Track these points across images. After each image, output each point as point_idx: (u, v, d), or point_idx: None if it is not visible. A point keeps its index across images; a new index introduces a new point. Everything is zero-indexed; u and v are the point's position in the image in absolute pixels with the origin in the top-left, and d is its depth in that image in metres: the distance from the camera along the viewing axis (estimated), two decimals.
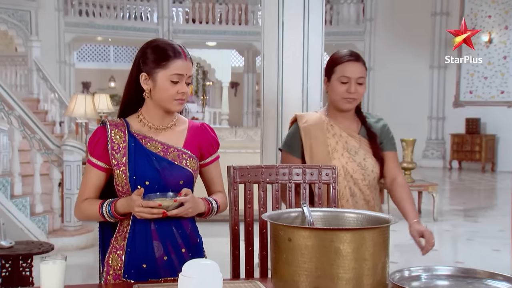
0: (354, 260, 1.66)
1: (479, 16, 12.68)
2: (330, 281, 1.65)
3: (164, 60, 1.91)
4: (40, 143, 5.90)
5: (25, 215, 5.66)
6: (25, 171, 6.05)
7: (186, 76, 1.92)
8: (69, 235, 5.84)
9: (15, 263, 4.07)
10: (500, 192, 10.39)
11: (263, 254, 2.21)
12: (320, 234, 1.69)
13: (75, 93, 8.50)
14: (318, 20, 3.97)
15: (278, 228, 1.75)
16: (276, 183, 2.27)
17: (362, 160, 2.41)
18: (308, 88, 3.97)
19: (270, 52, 4.00)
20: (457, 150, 12.95)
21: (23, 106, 5.95)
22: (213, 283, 1.44)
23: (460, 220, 7.89)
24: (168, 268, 1.92)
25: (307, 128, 2.45)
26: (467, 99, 13.16)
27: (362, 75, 2.39)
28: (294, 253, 1.67)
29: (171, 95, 1.92)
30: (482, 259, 5.79)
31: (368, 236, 1.69)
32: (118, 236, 1.98)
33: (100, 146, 1.95)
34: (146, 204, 1.82)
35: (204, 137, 2.05)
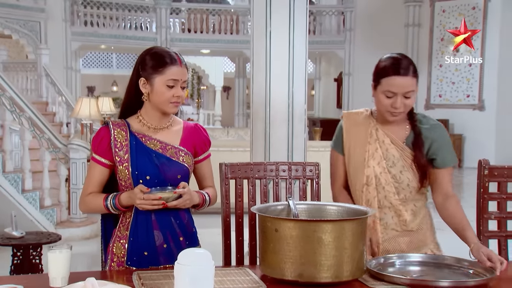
0: (335, 248, 1.66)
1: (447, 27, 12.73)
2: (313, 268, 1.66)
3: (161, 67, 1.91)
4: (49, 142, 5.87)
5: (35, 208, 5.63)
6: (35, 168, 6.01)
7: (181, 81, 1.92)
8: (75, 226, 5.81)
9: (25, 252, 4.04)
10: (466, 186, 10.45)
11: (252, 243, 2.21)
12: (304, 225, 1.69)
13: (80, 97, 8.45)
14: (302, 30, 3.97)
15: (265, 219, 1.75)
16: (264, 178, 2.27)
17: (398, 172, 2.08)
18: (294, 92, 3.96)
19: (258, 59, 4.00)
20: None
21: (33, 109, 5.91)
22: (206, 270, 1.44)
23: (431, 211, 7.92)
24: (168, 255, 1.93)
25: (349, 129, 2.18)
26: (436, 102, 13.23)
27: (410, 89, 2.00)
28: (281, 243, 1.68)
29: (167, 98, 1.91)
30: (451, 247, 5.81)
31: (348, 226, 1.69)
32: (121, 227, 1.98)
33: (104, 144, 1.95)
34: (147, 196, 1.83)
35: (197, 136, 2.06)
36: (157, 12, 13.83)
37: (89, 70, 19.02)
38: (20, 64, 10.36)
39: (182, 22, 14.41)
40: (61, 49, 12.50)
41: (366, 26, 13.79)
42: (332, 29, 14.28)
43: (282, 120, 3.96)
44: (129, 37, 13.49)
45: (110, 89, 19.24)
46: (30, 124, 5.80)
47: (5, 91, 5.71)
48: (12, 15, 11.64)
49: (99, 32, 13.21)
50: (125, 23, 13.62)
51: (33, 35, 12.01)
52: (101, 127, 2.00)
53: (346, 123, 2.20)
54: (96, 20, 13.22)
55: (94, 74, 19.11)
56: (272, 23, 3.91)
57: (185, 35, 14.17)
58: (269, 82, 3.96)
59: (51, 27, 12.30)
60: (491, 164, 2.26)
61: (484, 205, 2.25)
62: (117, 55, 19.84)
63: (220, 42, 14.23)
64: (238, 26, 14.26)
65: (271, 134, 3.98)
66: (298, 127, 3.99)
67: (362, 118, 2.18)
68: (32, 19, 11.97)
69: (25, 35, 11.95)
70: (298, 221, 1.75)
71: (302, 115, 4.01)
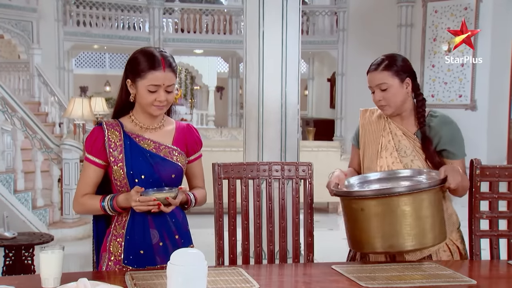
0: (418, 218, 1.89)
1: (439, 27, 12.78)
2: (401, 239, 1.89)
3: (142, 71, 1.91)
4: (41, 143, 5.84)
5: (27, 208, 5.61)
6: (27, 168, 5.99)
7: (164, 85, 1.91)
8: (67, 227, 5.79)
9: (18, 253, 4.03)
10: None
11: (245, 244, 2.21)
12: (387, 201, 1.89)
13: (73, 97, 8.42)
14: (295, 30, 3.97)
15: (350, 202, 1.96)
16: (257, 178, 2.27)
17: (410, 161, 2.16)
18: (287, 92, 3.96)
19: (252, 59, 4.00)
20: None
21: (25, 109, 5.88)
22: (199, 270, 1.44)
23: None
24: (164, 253, 1.93)
25: (364, 125, 2.31)
26: (429, 102, 13.23)
27: (380, 82, 2.18)
28: (368, 220, 1.91)
29: (149, 102, 1.92)
30: None
31: (426, 197, 1.92)
32: (117, 225, 1.98)
33: (98, 145, 1.95)
34: (142, 199, 1.83)
35: (190, 136, 2.07)
36: (150, 12, 13.79)
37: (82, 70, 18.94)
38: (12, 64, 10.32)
39: (175, 22, 14.38)
40: (54, 49, 12.43)
41: (359, 26, 13.81)
42: (325, 29, 14.30)
43: (275, 120, 3.96)
44: (122, 37, 13.44)
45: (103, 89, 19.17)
46: (22, 124, 5.78)
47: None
48: (4, 15, 11.57)
49: (92, 32, 13.16)
50: (118, 23, 13.57)
51: (25, 35, 11.95)
52: (94, 127, 2.00)
53: (361, 119, 2.35)
54: (88, 20, 13.16)
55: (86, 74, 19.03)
56: (265, 23, 3.91)
57: (178, 35, 14.14)
58: (262, 82, 3.96)
59: (44, 27, 12.24)
60: (482, 163, 2.27)
61: (476, 204, 2.26)
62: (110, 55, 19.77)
63: (213, 42, 14.21)
64: (231, 26, 14.25)
65: (264, 134, 3.98)
66: (291, 127, 4.00)
67: (376, 115, 2.32)
68: (24, 18, 11.90)
69: (17, 35, 11.88)
70: (381, 198, 1.89)
71: (295, 115, 4.02)
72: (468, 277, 1.87)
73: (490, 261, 2.19)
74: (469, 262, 2.16)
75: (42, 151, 5.83)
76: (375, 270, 1.92)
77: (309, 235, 2.25)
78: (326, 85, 16.21)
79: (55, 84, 9.80)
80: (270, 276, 2.01)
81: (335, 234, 6.51)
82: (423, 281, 1.81)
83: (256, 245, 2.22)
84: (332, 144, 7.66)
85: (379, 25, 13.44)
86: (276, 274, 2.05)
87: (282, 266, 2.17)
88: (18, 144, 5.74)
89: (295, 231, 2.27)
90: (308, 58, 16.76)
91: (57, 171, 5.87)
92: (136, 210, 1.88)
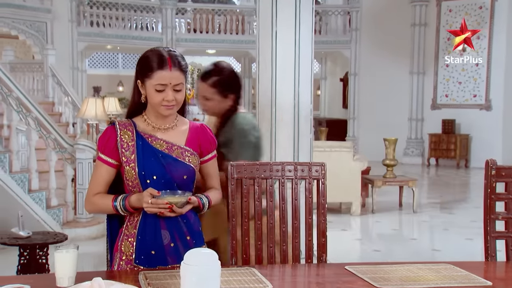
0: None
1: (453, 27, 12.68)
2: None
3: (149, 71, 1.92)
4: (55, 142, 5.88)
5: (42, 208, 5.65)
6: (41, 168, 6.04)
7: (171, 85, 1.91)
8: (81, 226, 5.83)
9: (32, 252, 4.06)
10: (473, 186, 10.41)
11: (258, 244, 2.21)
12: None
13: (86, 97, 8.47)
14: (308, 30, 3.96)
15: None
16: (270, 178, 2.26)
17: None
18: (300, 92, 3.96)
19: (264, 59, 3.99)
20: (435, 148, 12.97)
21: (39, 109, 5.93)
22: (213, 270, 1.44)
23: (437, 211, 7.91)
24: (175, 254, 1.93)
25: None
26: (443, 102, 13.18)
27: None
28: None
29: (157, 102, 1.92)
30: (457, 247, 5.80)
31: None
32: (129, 225, 1.98)
33: (110, 144, 1.96)
34: (154, 201, 1.84)
35: (203, 136, 2.06)
36: (162, 12, 13.85)
37: (95, 70, 19.05)
38: (26, 65, 10.40)
39: (187, 22, 14.42)
40: (67, 49, 12.54)
41: (372, 25, 13.75)
42: (338, 29, 14.26)
43: (288, 120, 3.95)
44: (135, 37, 13.51)
45: (116, 89, 19.27)
46: (37, 124, 5.82)
47: (12, 92, 5.73)
48: (18, 16, 11.69)
49: (105, 32, 13.24)
50: (131, 24, 13.64)
51: (39, 35, 12.06)
52: (107, 127, 2.01)
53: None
54: (102, 20, 13.25)
55: (100, 74, 19.14)
56: (278, 23, 3.90)
57: (190, 35, 14.19)
58: (275, 82, 3.95)
59: (58, 27, 12.34)
60: (498, 164, 2.25)
61: (492, 205, 2.24)
62: (123, 55, 19.87)
63: (225, 42, 14.24)
64: (243, 26, 14.26)
65: (277, 134, 3.97)
66: (304, 127, 3.99)
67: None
68: (38, 19, 12.01)
69: (31, 36, 11.99)
70: None
71: (308, 115, 4.01)
72: (483, 278, 1.85)
73: (506, 262, 2.17)
74: (485, 263, 2.14)
75: (56, 151, 5.88)
76: (389, 271, 1.91)
77: (322, 235, 2.25)
78: (339, 85, 16.16)
79: (68, 84, 9.87)
80: (283, 277, 2.01)
81: (348, 234, 6.49)
82: (437, 282, 1.80)
83: (269, 245, 2.22)
84: (344, 144, 7.64)
85: (392, 25, 13.37)
86: (289, 275, 2.05)
87: (295, 266, 2.17)
88: (33, 144, 5.79)
89: (308, 232, 2.27)
90: (321, 58, 16.72)
91: (71, 170, 5.91)
92: (147, 211, 1.89)
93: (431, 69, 13.14)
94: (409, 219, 7.33)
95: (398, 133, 10.52)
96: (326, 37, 14.05)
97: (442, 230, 6.80)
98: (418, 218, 7.27)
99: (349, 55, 14.05)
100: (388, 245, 5.99)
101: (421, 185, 10.03)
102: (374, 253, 5.50)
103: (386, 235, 6.59)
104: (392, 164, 7.61)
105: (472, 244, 5.83)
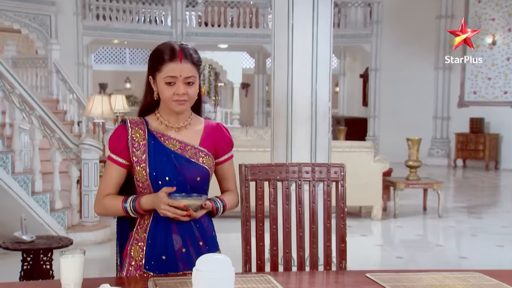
0: None
1: (483, 18, 12.58)
2: None
3: (160, 64, 1.93)
4: (60, 142, 5.93)
5: (45, 210, 5.69)
6: (45, 169, 6.08)
7: (181, 77, 1.91)
8: (87, 230, 5.86)
9: (36, 257, 4.09)
10: (503, 190, 10.32)
11: (273, 249, 2.21)
12: None
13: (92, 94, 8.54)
14: (326, 23, 3.96)
15: None
16: (286, 180, 2.27)
17: None
18: (317, 89, 3.96)
19: (280, 54, 4.00)
20: (462, 148, 12.88)
21: (43, 107, 5.97)
22: (226, 277, 1.45)
23: (464, 216, 7.85)
24: (187, 260, 1.94)
25: None
26: (471, 99, 13.07)
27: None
28: None
29: (168, 96, 1.93)
30: (486, 255, 5.75)
31: None
32: (139, 229, 1.99)
33: (121, 144, 1.98)
34: (171, 202, 1.84)
35: (219, 136, 2.06)
36: (172, 5, 13.91)
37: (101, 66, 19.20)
38: (29, 60, 10.50)
39: (198, 15, 14.47)
40: (72, 44, 12.64)
41: (394, 18, 13.68)
42: (358, 21, 14.21)
43: (304, 118, 3.96)
44: (143, 31, 13.59)
45: (123, 86, 19.40)
46: (41, 123, 5.87)
47: (15, 89, 5.78)
48: (21, 9, 11.80)
49: (112, 26, 13.33)
50: (139, 17, 13.72)
51: (43, 29, 12.17)
52: (118, 125, 2.02)
53: None
54: (108, 13, 13.34)
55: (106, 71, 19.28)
56: (294, 16, 3.91)
57: (201, 29, 14.23)
58: (291, 78, 3.96)
59: (62, 21, 12.44)
60: None
61: None
62: (130, 50, 20.00)
63: (238, 36, 14.26)
64: (257, 19, 14.27)
65: (293, 133, 3.98)
66: (321, 126, 3.99)
67: None
68: (42, 12, 12.12)
69: (34, 30, 12.11)
70: None
71: (326, 114, 4.01)
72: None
73: None
74: None
75: (60, 151, 5.92)
76: (413, 279, 1.90)
77: (341, 241, 2.25)
78: (359, 82, 16.11)
79: (73, 81, 9.95)
80: (300, 284, 2.01)
81: (368, 240, 6.47)
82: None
83: (285, 251, 2.23)
84: (364, 144, 7.61)
85: (416, 17, 13.29)
86: (306, 282, 2.05)
87: (313, 273, 2.17)
88: (36, 144, 5.83)
89: (326, 237, 2.27)
90: (340, 52, 16.68)
91: (76, 172, 5.96)
92: (162, 215, 1.89)
93: (458, 64, 13.03)
94: (434, 224, 7.29)
95: (422, 133, 10.46)
96: (346, 30, 14.01)
97: (469, 236, 6.75)
98: (443, 223, 7.23)
99: (370, 50, 13.99)
100: (412, 252, 5.96)
101: (447, 188, 9.97)
102: (397, 260, 5.47)
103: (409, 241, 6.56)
104: (416, 165, 7.57)
105: (502, 251, 5.78)
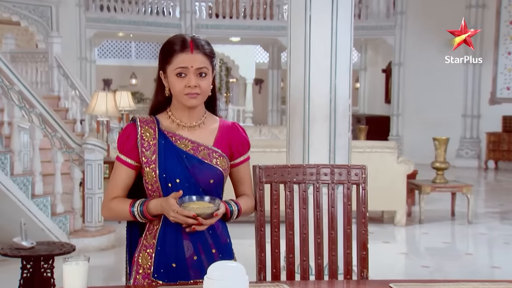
0: None
1: None
2: None
3: (170, 56, 1.95)
4: (61, 142, 5.95)
5: (46, 215, 5.71)
6: (46, 170, 6.12)
7: (192, 68, 1.93)
8: (90, 236, 5.88)
9: (36, 264, 4.10)
10: None
11: (289, 257, 2.22)
12: None
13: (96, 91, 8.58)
14: (347, 14, 3.95)
15: None
16: (303, 183, 2.26)
17: None
18: (336, 85, 3.95)
19: (296, 48, 4.00)
20: (493, 149, 12.78)
21: (44, 104, 5.99)
22: (239, 286, 1.45)
23: (496, 223, 7.79)
24: (198, 268, 1.94)
25: None
26: (504, 96, 12.96)
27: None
28: None
29: (179, 89, 1.94)
30: None
31: None
32: (148, 235, 2.00)
33: (130, 143, 1.99)
34: (181, 211, 1.84)
35: (235, 136, 2.07)
36: None
37: (105, 61, 19.29)
38: (29, 54, 10.58)
39: (209, 6, 14.50)
40: (75, 37, 12.72)
41: (419, 8, 13.60)
42: (381, 12, 14.14)
43: (323, 117, 3.95)
44: (149, 23, 13.63)
45: (129, 82, 19.50)
46: (41, 122, 5.89)
47: (14, 85, 5.80)
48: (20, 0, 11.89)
49: (117, 17, 13.39)
50: (145, 8, 13.76)
51: (43, 21, 12.25)
52: (128, 124, 2.04)
53: None
54: (113, 4, 13.40)
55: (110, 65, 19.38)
56: (312, 6, 3.90)
57: (212, 20, 14.25)
58: (309, 73, 3.95)
59: (64, 12, 12.52)
60: None
61: None
62: (136, 44, 20.07)
63: (251, 28, 14.26)
64: (272, 10, 14.26)
65: (311, 132, 3.97)
66: (341, 125, 3.98)
67: None
68: (42, 3, 12.20)
69: (34, 22, 12.19)
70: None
71: (346, 111, 4.00)
72: None
73: None
74: None
75: (62, 151, 5.94)
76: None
77: (362, 248, 2.24)
78: (381, 77, 16.03)
79: (76, 77, 10.01)
80: None
81: (391, 247, 6.45)
82: None
83: (302, 258, 2.23)
84: (387, 144, 7.58)
85: (444, 7, 13.19)
86: None
87: (332, 283, 2.17)
88: (37, 144, 5.85)
89: (346, 244, 2.27)
90: (360, 46, 16.62)
91: (79, 173, 5.98)
92: (172, 221, 1.90)
93: (490, 57, 12.91)
94: (463, 231, 7.25)
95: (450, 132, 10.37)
96: (367, 22, 13.95)
97: (502, 244, 6.70)
98: (473, 230, 7.18)
99: (393, 43, 13.92)
100: (439, 261, 5.93)
101: (477, 191, 9.90)
102: (422, 270, 5.45)
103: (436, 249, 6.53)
104: (443, 167, 7.53)
105: None
